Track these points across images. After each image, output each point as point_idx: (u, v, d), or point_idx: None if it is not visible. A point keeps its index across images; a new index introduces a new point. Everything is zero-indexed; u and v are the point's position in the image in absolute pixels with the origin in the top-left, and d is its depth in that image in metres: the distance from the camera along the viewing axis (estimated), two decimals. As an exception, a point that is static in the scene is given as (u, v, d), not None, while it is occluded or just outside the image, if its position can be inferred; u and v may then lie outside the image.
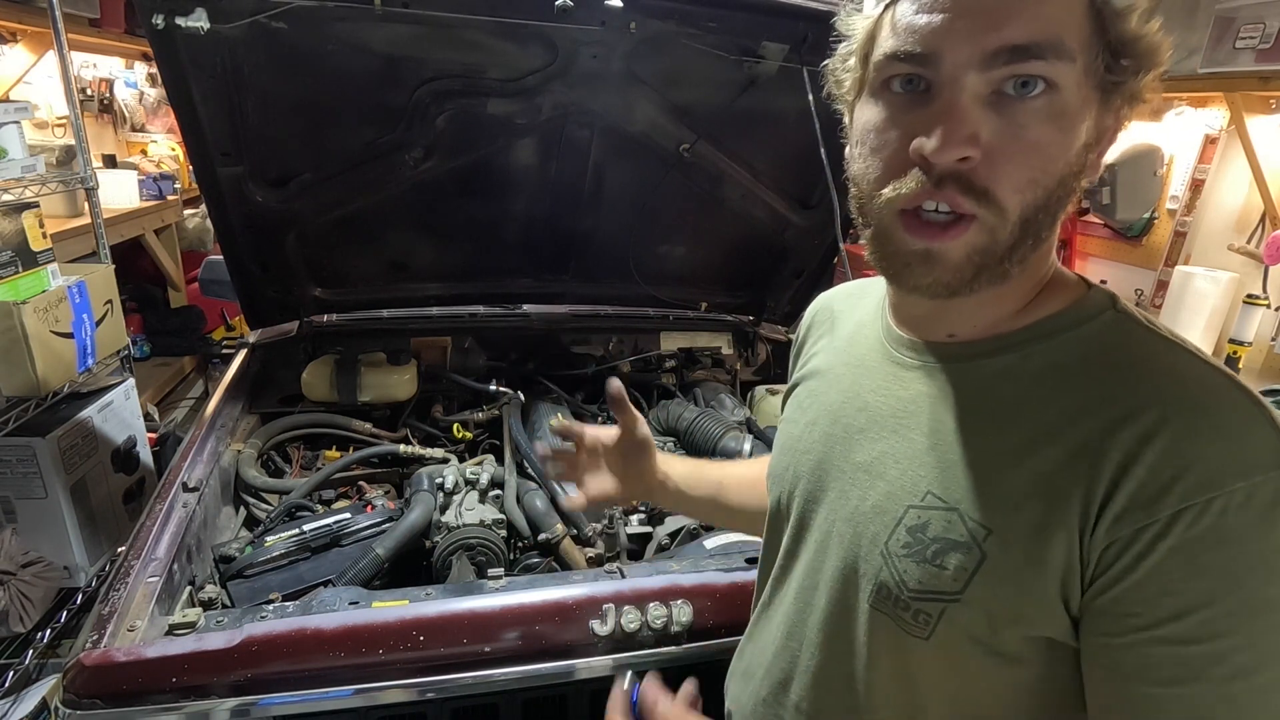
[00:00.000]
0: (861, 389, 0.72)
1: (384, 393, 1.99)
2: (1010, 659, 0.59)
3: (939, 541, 0.60)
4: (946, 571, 0.59)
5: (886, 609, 0.63)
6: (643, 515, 1.66)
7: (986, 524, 0.58)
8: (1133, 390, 0.55)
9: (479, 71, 1.58)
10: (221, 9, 1.31)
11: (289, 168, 1.71)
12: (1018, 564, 0.56)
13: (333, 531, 1.43)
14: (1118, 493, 0.52)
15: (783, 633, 0.76)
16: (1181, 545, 0.50)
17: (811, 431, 0.76)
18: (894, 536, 0.63)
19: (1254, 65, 2.37)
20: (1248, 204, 2.91)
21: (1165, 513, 0.50)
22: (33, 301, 1.88)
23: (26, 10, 2.68)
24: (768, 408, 2.09)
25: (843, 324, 0.80)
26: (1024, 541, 0.56)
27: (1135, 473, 0.52)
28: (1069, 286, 0.63)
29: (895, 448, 0.66)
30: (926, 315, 0.67)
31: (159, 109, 4.74)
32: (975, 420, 0.61)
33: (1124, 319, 0.60)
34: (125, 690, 0.98)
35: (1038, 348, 0.60)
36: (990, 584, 0.57)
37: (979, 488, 0.59)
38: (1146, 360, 0.57)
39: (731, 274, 2.34)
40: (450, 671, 1.06)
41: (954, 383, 0.64)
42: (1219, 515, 0.49)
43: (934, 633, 0.60)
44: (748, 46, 1.54)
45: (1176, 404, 0.53)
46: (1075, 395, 0.57)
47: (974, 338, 0.64)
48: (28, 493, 2.02)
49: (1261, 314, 2.62)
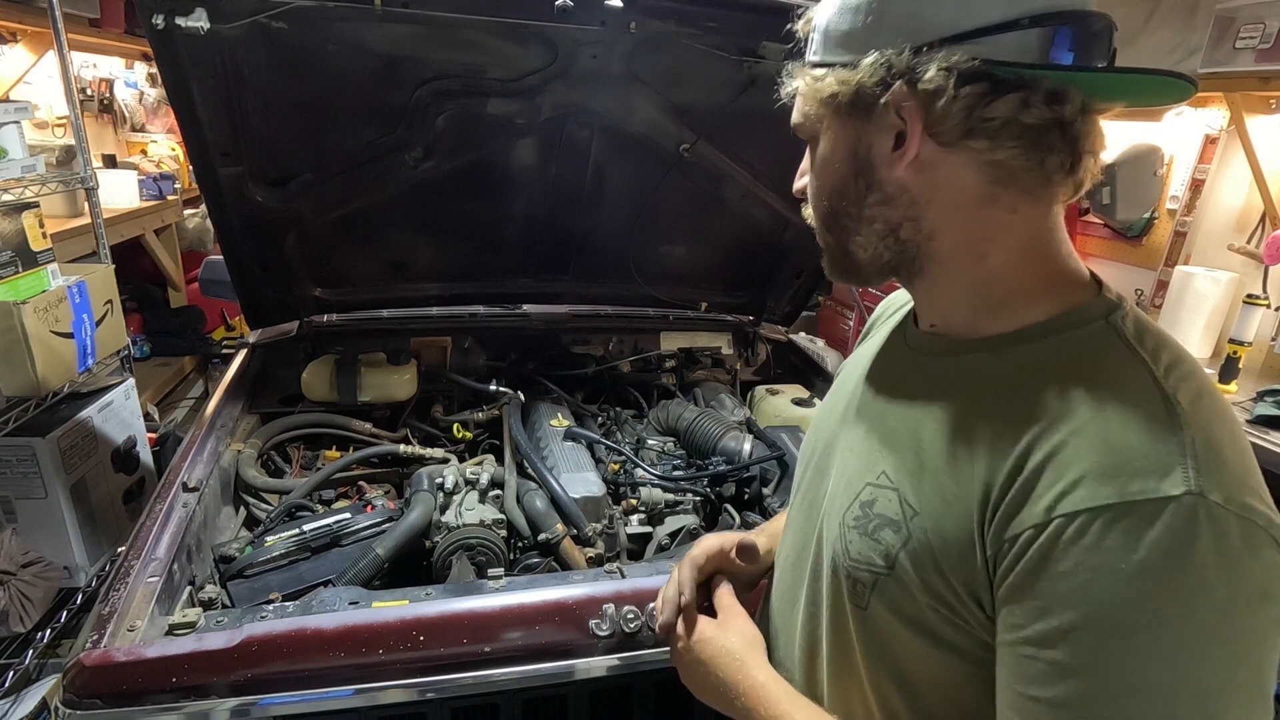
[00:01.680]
0: (871, 374, 0.77)
1: (384, 393, 1.99)
2: (946, 645, 0.61)
3: (879, 518, 0.65)
4: (880, 546, 0.64)
5: (838, 578, 0.69)
6: (643, 515, 1.66)
7: (915, 505, 0.62)
8: (1054, 400, 0.57)
9: (479, 71, 1.58)
10: (221, 9, 1.31)
11: (289, 168, 1.71)
12: (936, 547, 0.60)
13: (333, 531, 1.43)
14: (1010, 496, 0.55)
15: (778, 596, 0.85)
16: (1050, 554, 0.52)
17: (830, 414, 0.82)
18: (850, 510, 0.69)
19: (1254, 65, 2.37)
20: (1248, 204, 2.91)
21: (1040, 520, 0.53)
22: (33, 301, 1.88)
23: (26, 10, 2.67)
24: (768, 408, 2.09)
25: (892, 319, 0.85)
26: (942, 529, 0.60)
27: (1025, 477, 0.55)
28: (1073, 289, 0.64)
29: (875, 428, 0.72)
30: (916, 306, 0.74)
31: (159, 109, 4.74)
32: (940, 412, 0.65)
33: (1108, 332, 0.60)
34: (125, 690, 0.98)
35: (1013, 350, 0.63)
36: (914, 563, 0.61)
37: (920, 473, 0.63)
38: (1090, 374, 0.57)
39: (731, 274, 2.34)
40: (450, 671, 1.06)
41: (936, 373, 0.68)
42: (1099, 533, 0.50)
43: (869, 604, 0.65)
44: (748, 46, 1.54)
45: (1079, 415, 0.55)
46: (1019, 402, 0.59)
47: (956, 333, 0.68)
48: (28, 493, 2.01)
49: (1261, 314, 2.61)
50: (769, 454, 1.72)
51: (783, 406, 2.07)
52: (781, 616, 0.83)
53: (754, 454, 1.75)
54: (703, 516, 1.72)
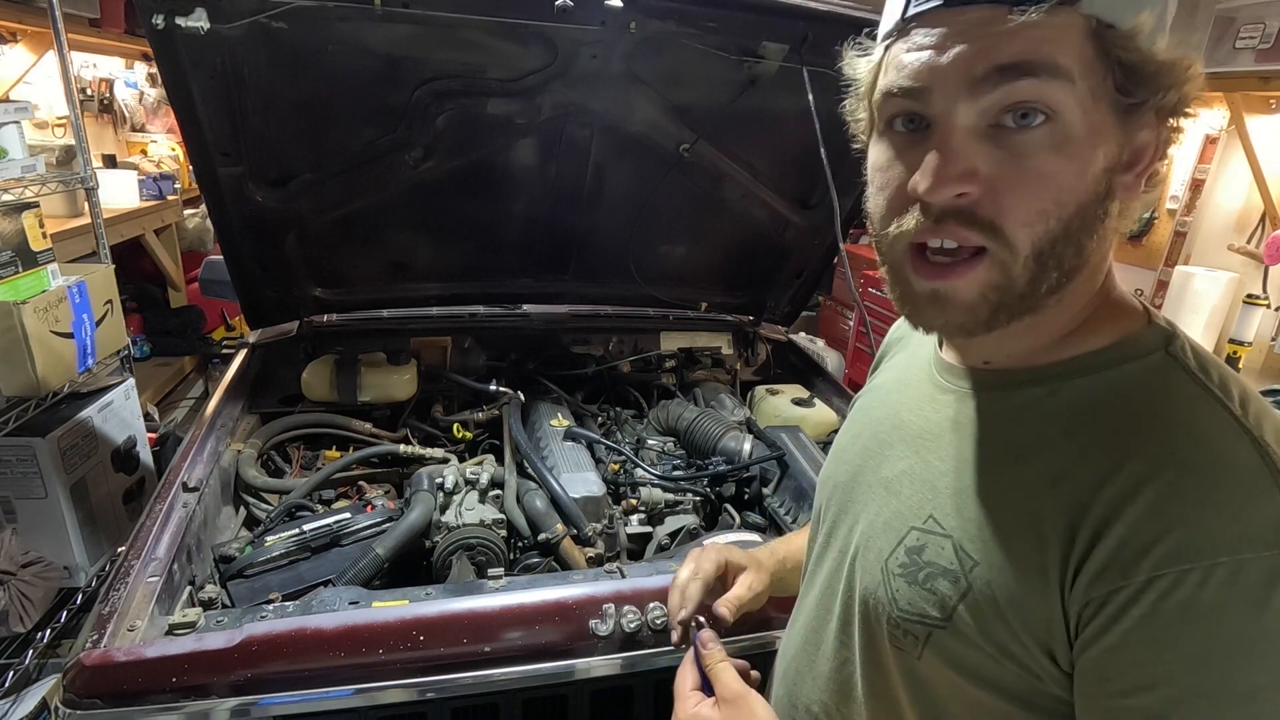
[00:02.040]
0: (901, 407, 0.72)
1: (384, 393, 1.99)
2: (1009, 696, 0.57)
3: (931, 566, 0.60)
4: (934, 597, 0.59)
5: (881, 625, 0.64)
6: (643, 515, 1.66)
7: (976, 556, 0.57)
8: (1132, 442, 0.52)
9: (479, 71, 1.58)
10: (221, 9, 1.31)
11: (289, 168, 1.71)
12: (1001, 601, 0.55)
13: (333, 531, 1.43)
14: (1096, 550, 0.50)
15: (802, 637, 0.78)
16: (1153, 614, 0.48)
17: (855, 444, 0.77)
18: (894, 555, 0.63)
19: (1254, 65, 2.37)
20: (1248, 204, 2.91)
21: (1139, 578, 0.48)
22: (33, 301, 1.88)
23: (26, 10, 2.68)
24: (768, 408, 2.09)
25: (914, 341, 0.80)
26: (1008, 580, 0.55)
27: (1115, 530, 0.50)
28: (1125, 317, 0.59)
29: (915, 468, 0.66)
30: (964, 341, 0.66)
31: (159, 109, 4.74)
32: (990, 451, 0.60)
33: (1170, 365, 0.55)
34: (125, 690, 0.98)
35: (1067, 384, 0.58)
36: (974, 616, 0.56)
37: (976, 519, 0.58)
38: (1164, 412, 0.53)
39: (731, 274, 2.34)
40: (450, 671, 1.06)
41: (981, 411, 0.63)
42: (1195, 588, 0.46)
43: (923, 654, 0.60)
44: (748, 46, 1.54)
45: (1170, 461, 0.50)
46: (1082, 441, 0.54)
47: (1010, 366, 0.62)
48: (28, 493, 2.01)
49: (1261, 314, 2.62)
50: (769, 454, 1.72)
51: (783, 406, 2.07)
52: (805, 657, 0.78)
53: (754, 454, 1.75)
54: (703, 516, 1.72)
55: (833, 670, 0.72)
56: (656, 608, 1.14)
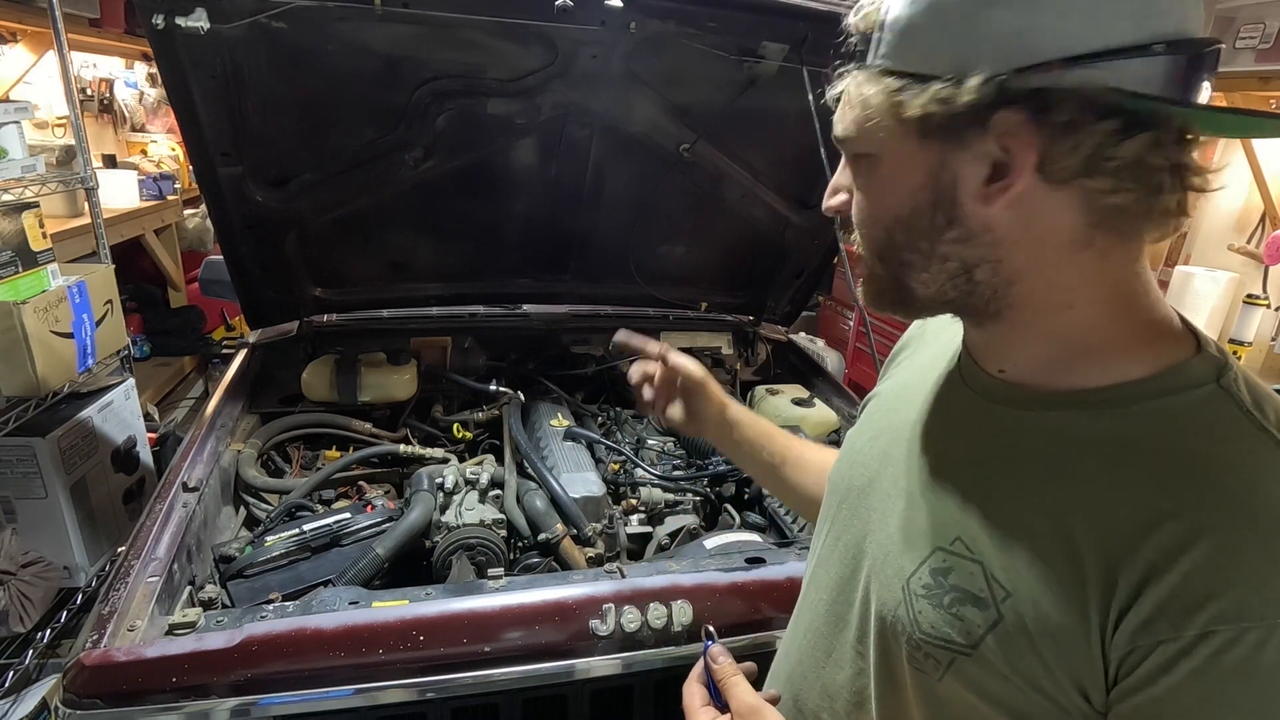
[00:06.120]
0: (926, 414, 0.70)
1: (384, 393, 1.99)
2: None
3: (958, 591, 0.58)
4: (960, 623, 0.57)
5: (899, 644, 0.63)
6: (642, 515, 1.66)
7: (1008, 586, 0.56)
8: (1185, 486, 0.50)
9: (479, 71, 1.58)
10: (221, 9, 1.31)
11: (289, 168, 1.71)
12: (1035, 635, 0.54)
13: (333, 531, 1.43)
14: (1144, 597, 0.49)
15: (809, 642, 0.77)
16: (1206, 670, 0.47)
17: (873, 446, 0.75)
18: (917, 575, 0.62)
19: (1254, 65, 2.37)
20: (1248, 204, 2.91)
21: (1191, 632, 0.47)
22: (33, 301, 1.88)
23: (26, 10, 2.68)
24: (768, 408, 2.09)
25: (932, 344, 0.79)
26: (1045, 616, 0.53)
27: (1167, 580, 0.48)
28: (1170, 341, 0.57)
29: (939, 482, 0.64)
30: (978, 346, 0.66)
31: (159, 109, 4.74)
32: (1023, 474, 0.58)
33: (1223, 399, 0.53)
34: (125, 690, 0.99)
35: (1109, 412, 0.56)
36: (1004, 647, 0.55)
37: (1009, 546, 0.56)
38: (1218, 454, 0.51)
39: (731, 274, 2.34)
40: (450, 671, 1.07)
41: (1014, 429, 0.61)
42: (1255, 648, 0.45)
43: (944, 679, 0.59)
44: (748, 46, 1.54)
45: (1225, 512, 0.48)
46: (1128, 476, 0.53)
47: (1034, 383, 0.60)
48: (28, 493, 2.02)
49: (1261, 314, 2.62)
50: (769, 454, 1.72)
51: (783, 406, 2.07)
52: (812, 663, 0.76)
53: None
54: (703, 516, 1.72)
55: (847, 680, 0.71)
56: (656, 607, 1.14)
